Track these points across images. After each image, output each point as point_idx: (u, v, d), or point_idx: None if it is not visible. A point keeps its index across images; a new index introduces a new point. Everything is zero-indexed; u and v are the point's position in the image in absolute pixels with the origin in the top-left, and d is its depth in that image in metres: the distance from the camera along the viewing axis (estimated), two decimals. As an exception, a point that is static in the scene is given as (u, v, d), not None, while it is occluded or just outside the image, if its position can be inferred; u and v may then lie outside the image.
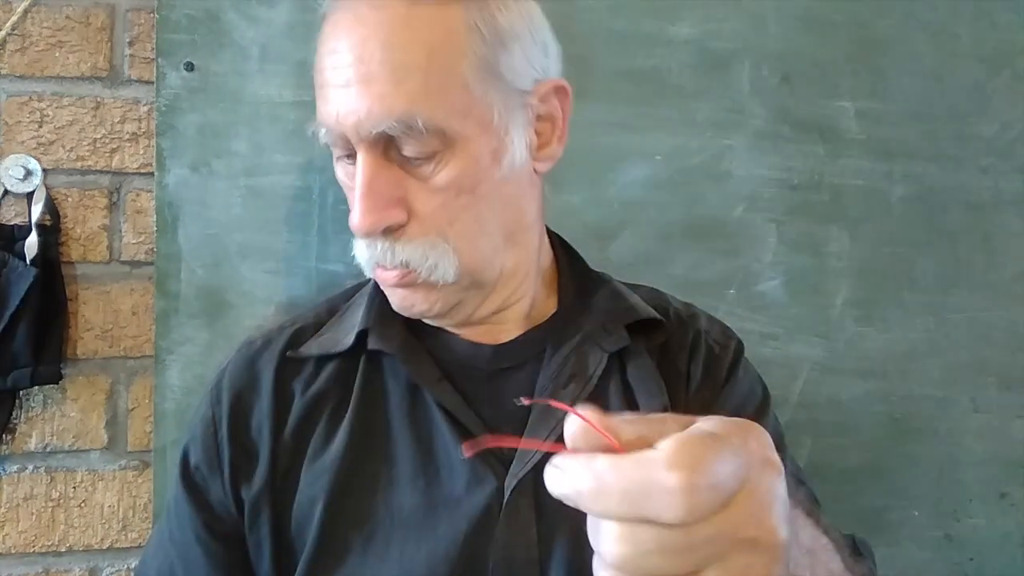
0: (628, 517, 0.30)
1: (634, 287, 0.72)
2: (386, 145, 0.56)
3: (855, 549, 0.59)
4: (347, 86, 0.56)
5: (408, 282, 0.59)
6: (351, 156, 0.59)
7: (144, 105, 0.94)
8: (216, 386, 0.67)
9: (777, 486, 0.33)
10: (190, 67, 0.90)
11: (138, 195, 0.94)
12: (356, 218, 0.56)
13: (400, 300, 0.62)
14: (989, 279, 1.04)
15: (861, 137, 1.02)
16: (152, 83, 0.92)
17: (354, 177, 0.58)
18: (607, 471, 0.31)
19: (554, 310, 0.68)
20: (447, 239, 0.58)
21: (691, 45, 0.98)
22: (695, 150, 0.98)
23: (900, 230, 1.02)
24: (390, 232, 0.58)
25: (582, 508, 0.32)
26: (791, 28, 1.01)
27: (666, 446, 0.31)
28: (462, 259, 0.59)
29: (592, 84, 0.95)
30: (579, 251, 0.74)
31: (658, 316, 0.67)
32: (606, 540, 0.31)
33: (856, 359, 1.01)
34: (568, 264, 0.71)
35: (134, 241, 0.94)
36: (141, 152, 0.94)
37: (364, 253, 0.60)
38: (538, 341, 0.65)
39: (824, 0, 1.01)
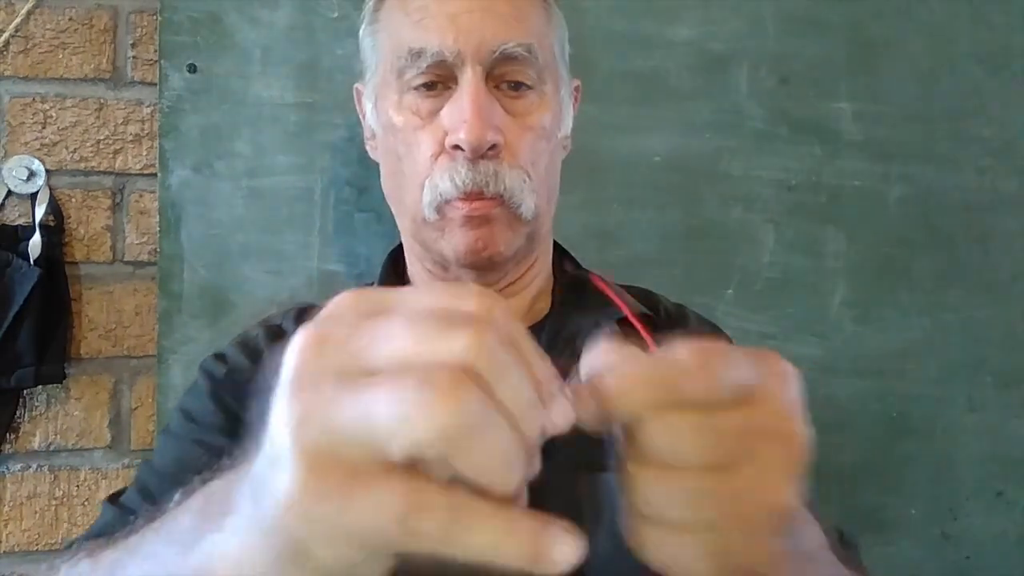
0: (657, 403, 0.31)
1: (626, 288, 0.73)
2: (488, 75, 0.60)
3: (841, 539, 0.59)
4: (471, 11, 0.60)
5: (496, 214, 0.60)
6: (430, 86, 0.61)
7: (147, 106, 0.95)
8: (243, 343, 0.67)
9: (794, 388, 0.34)
10: (193, 69, 0.90)
11: (141, 196, 0.95)
12: (469, 130, 0.58)
13: (474, 240, 0.61)
14: (986, 279, 1.05)
15: (858, 138, 1.02)
16: (155, 85, 0.93)
17: (423, 112, 0.60)
18: (629, 366, 0.31)
19: (548, 309, 0.69)
20: (530, 176, 0.61)
21: (690, 47, 0.99)
22: (693, 151, 0.99)
23: (897, 231, 1.03)
24: (491, 154, 0.59)
25: (610, 417, 0.31)
26: (789, 30, 1.01)
27: (678, 346, 0.32)
28: (539, 200, 0.62)
29: (591, 85, 0.95)
30: (578, 251, 0.75)
31: (648, 311, 0.68)
32: (642, 437, 0.31)
33: (853, 358, 1.01)
34: (561, 264, 0.73)
35: (137, 241, 0.95)
36: (144, 153, 0.95)
37: (460, 176, 0.59)
38: (535, 337, 0.66)
39: (822, 2, 1.02)
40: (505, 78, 0.61)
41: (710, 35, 0.99)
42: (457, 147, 0.59)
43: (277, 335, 0.67)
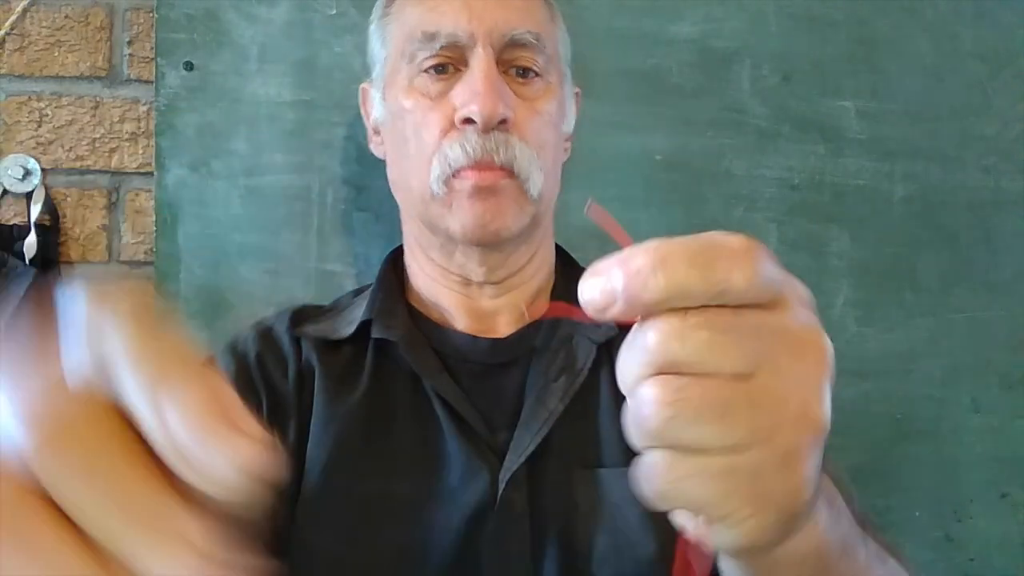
0: (702, 289, 0.26)
1: None
2: (497, 60, 0.62)
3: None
4: None
5: (504, 186, 0.61)
6: (441, 69, 0.62)
7: (143, 105, 0.94)
8: (231, 347, 0.66)
9: (811, 303, 0.30)
10: (189, 66, 0.90)
11: (137, 195, 0.94)
12: (482, 103, 0.59)
13: (481, 212, 0.61)
14: (990, 279, 1.04)
15: (862, 137, 1.01)
16: (151, 82, 0.92)
17: (433, 93, 0.62)
18: (664, 245, 0.27)
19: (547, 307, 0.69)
20: (538, 156, 0.62)
21: (691, 44, 0.98)
22: (695, 150, 0.98)
23: (901, 230, 1.02)
24: (501, 128, 0.60)
25: (628, 302, 0.27)
26: (792, 27, 1.00)
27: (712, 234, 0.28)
28: (545, 183, 0.63)
29: (592, 83, 0.95)
30: (578, 251, 0.74)
31: None
32: (653, 338, 0.27)
33: (857, 359, 1.01)
34: (560, 263, 0.73)
35: (133, 241, 0.94)
36: (140, 152, 0.94)
37: (471, 144, 0.60)
38: (532, 336, 0.66)
39: (825, -1, 1.01)
40: (514, 64, 0.63)
41: (712, 32, 0.99)
42: (468, 121, 0.60)
43: (267, 337, 0.67)
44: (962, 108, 1.04)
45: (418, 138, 0.62)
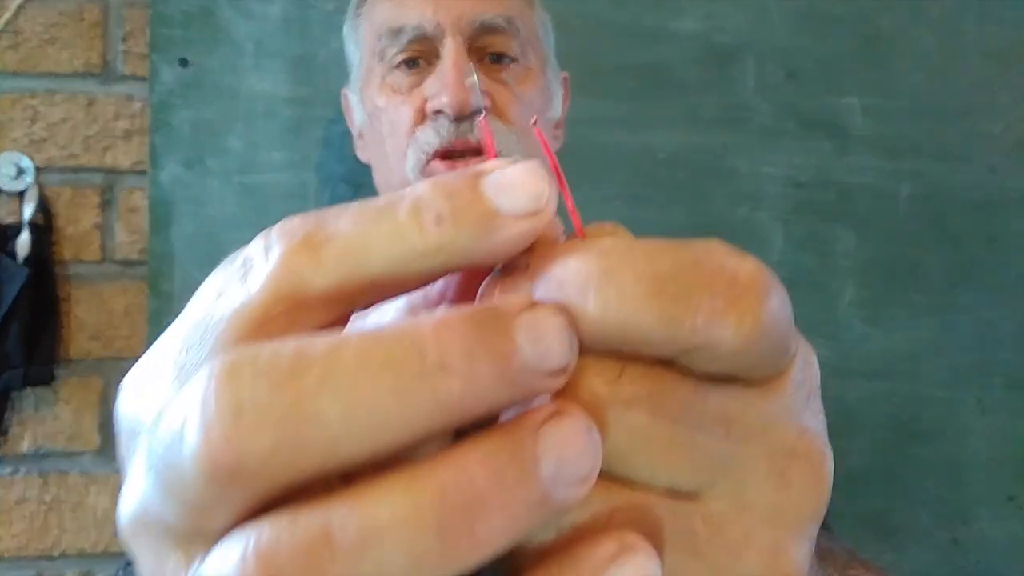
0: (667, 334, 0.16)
1: None
2: (470, 48, 0.60)
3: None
4: None
5: None
6: (412, 63, 0.61)
7: (137, 102, 0.93)
8: None
9: (818, 379, 0.20)
10: (184, 63, 0.89)
11: (131, 193, 0.93)
12: (452, 93, 0.57)
13: None
14: (996, 279, 1.03)
15: (867, 134, 1.00)
16: (146, 79, 0.91)
17: (405, 87, 0.61)
18: (621, 247, 0.17)
19: None
20: (520, 139, 0.61)
21: (695, 40, 0.97)
22: (699, 147, 0.97)
23: (907, 229, 1.01)
24: (477, 114, 0.59)
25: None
26: (796, 24, 0.99)
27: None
28: None
29: (595, 79, 0.94)
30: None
31: None
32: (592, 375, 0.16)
33: (862, 360, 1.00)
34: None
35: (127, 240, 0.93)
36: (134, 149, 0.93)
37: (444, 129, 0.59)
38: None
39: (829, -5, 1.00)
40: (487, 50, 0.61)
41: (716, 28, 0.98)
42: (439, 112, 0.59)
43: None
44: (968, 106, 1.03)
45: (393, 133, 0.62)
